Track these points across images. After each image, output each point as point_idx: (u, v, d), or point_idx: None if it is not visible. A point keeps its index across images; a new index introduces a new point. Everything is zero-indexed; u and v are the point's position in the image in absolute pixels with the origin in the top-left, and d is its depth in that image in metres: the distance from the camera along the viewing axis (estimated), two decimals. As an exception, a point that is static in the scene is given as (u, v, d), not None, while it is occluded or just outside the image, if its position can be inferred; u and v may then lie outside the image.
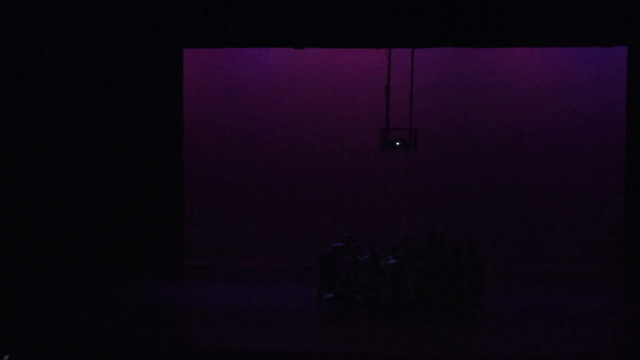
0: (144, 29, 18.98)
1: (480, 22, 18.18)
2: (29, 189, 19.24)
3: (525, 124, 20.25)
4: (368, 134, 19.60)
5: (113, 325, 14.43)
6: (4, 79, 19.11)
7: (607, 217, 19.98)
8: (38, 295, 16.86)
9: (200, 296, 17.39)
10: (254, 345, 13.33)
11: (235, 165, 20.73)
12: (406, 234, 16.77)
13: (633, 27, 18.35)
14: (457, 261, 16.04)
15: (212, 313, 15.80)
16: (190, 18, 18.76)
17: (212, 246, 20.66)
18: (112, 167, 19.41)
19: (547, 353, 13.04)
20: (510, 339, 13.93)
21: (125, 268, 19.16)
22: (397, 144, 18.13)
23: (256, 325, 14.69)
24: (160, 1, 18.82)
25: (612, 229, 19.89)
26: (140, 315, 15.46)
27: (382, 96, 18.62)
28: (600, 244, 19.99)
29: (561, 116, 20.23)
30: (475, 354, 13.11)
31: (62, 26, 18.89)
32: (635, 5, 18.13)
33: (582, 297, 17.41)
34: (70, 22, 18.89)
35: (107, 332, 13.95)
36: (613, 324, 15.39)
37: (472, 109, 20.34)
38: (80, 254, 19.16)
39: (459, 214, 20.10)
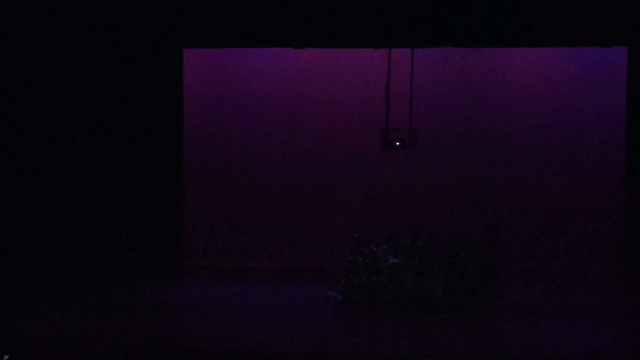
0: (144, 29, 18.96)
1: (480, 22, 18.16)
2: (28, 188, 19.20)
3: (525, 123, 20.26)
4: (368, 134, 19.59)
5: (113, 326, 14.43)
6: (2, 79, 19.08)
7: (607, 217, 19.97)
8: (38, 295, 16.84)
9: (200, 296, 17.39)
10: (254, 345, 13.33)
11: (235, 165, 20.73)
12: (408, 233, 16.72)
13: (633, 27, 18.33)
14: (454, 260, 15.99)
15: (212, 313, 15.79)
16: (190, 18, 18.75)
17: (212, 246, 20.67)
18: (111, 167, 19.38)
19: (547, 353, 13.03)
20: (511, 339, 13.92)
21: (124, 268, 19.15)
22: (397, 143, 18.15)
23: (256, 325, 14.69)
24: (160, 1, 18.81)
25: (612, 229, 19.88)
26: (140, 315, 15.45)
27: (382, 96, 18.63)
28: (600, 244, 19.98)
29: (561, 116, 20.24)
30: (475, 354, 13.11)
31: (61, 26, 18.86)
32: (635, 5, 18.10)
33: (582, 297, 17.41)
34: (70, 21, 18.85)
35: (106, 332, 13.95)
36: (613, 324, 15.39)
37: (472, 109, 20.35)
38: (80, 253, 19.14)
39: (459, 214, 20.10)
